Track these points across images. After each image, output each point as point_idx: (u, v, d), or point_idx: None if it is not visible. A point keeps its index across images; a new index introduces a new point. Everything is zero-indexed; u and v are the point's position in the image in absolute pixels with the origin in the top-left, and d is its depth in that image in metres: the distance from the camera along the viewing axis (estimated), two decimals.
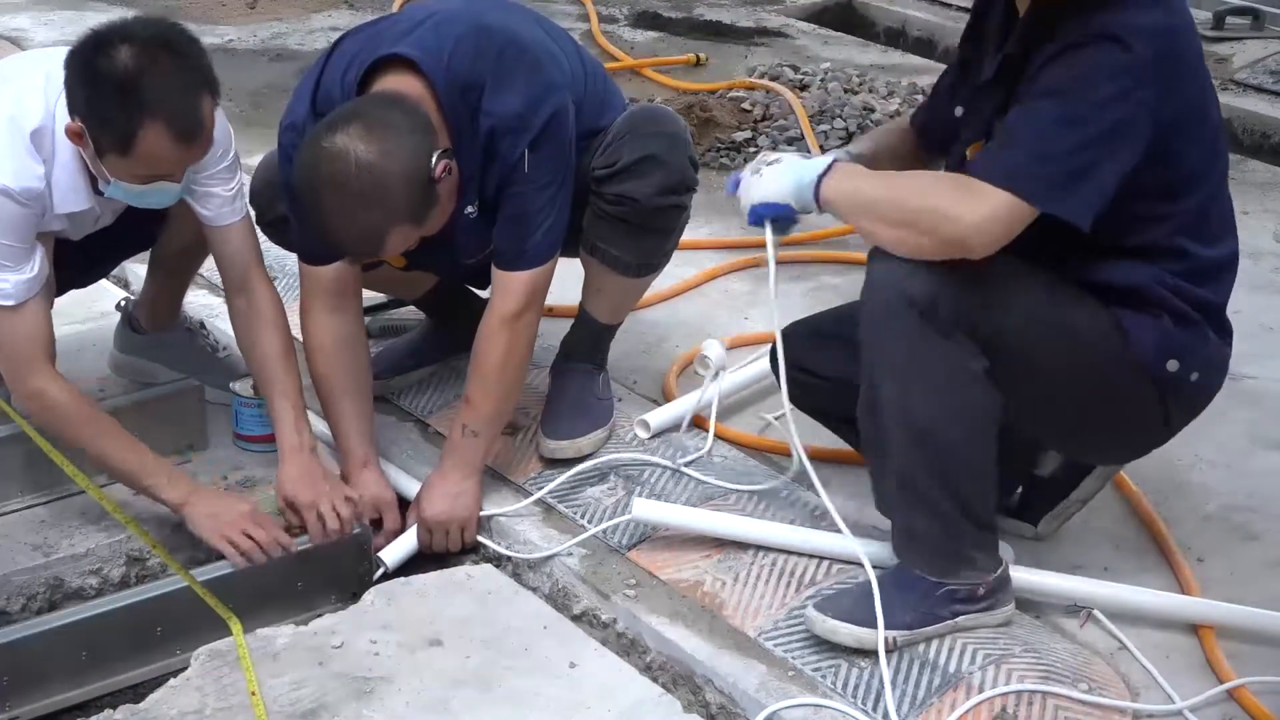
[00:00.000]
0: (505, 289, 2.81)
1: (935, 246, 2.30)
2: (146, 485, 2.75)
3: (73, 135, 2.56)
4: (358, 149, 2.56)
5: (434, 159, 2.61)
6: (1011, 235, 2.28)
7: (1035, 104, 2.30)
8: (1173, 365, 2.41)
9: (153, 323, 3.27)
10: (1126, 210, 2.34)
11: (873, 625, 2.43)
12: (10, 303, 2.64)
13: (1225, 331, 2.51)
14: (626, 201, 2.85)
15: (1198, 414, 2.55)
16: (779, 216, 2.46)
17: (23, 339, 2.67)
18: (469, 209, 2.81)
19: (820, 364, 2.67)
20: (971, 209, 2.27)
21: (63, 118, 2.58)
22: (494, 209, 2.80)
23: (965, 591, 2.46)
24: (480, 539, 2.87)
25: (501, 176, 2.75)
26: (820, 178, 2.40)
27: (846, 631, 2.44)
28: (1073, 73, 2.27)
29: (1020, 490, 2.82)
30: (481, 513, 2.88)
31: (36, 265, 2.66)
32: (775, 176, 2.44)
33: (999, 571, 2.50)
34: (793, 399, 2.67)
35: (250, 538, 2.69)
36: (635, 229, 2.89)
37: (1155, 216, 2.38)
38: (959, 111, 2.58)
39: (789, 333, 2.65)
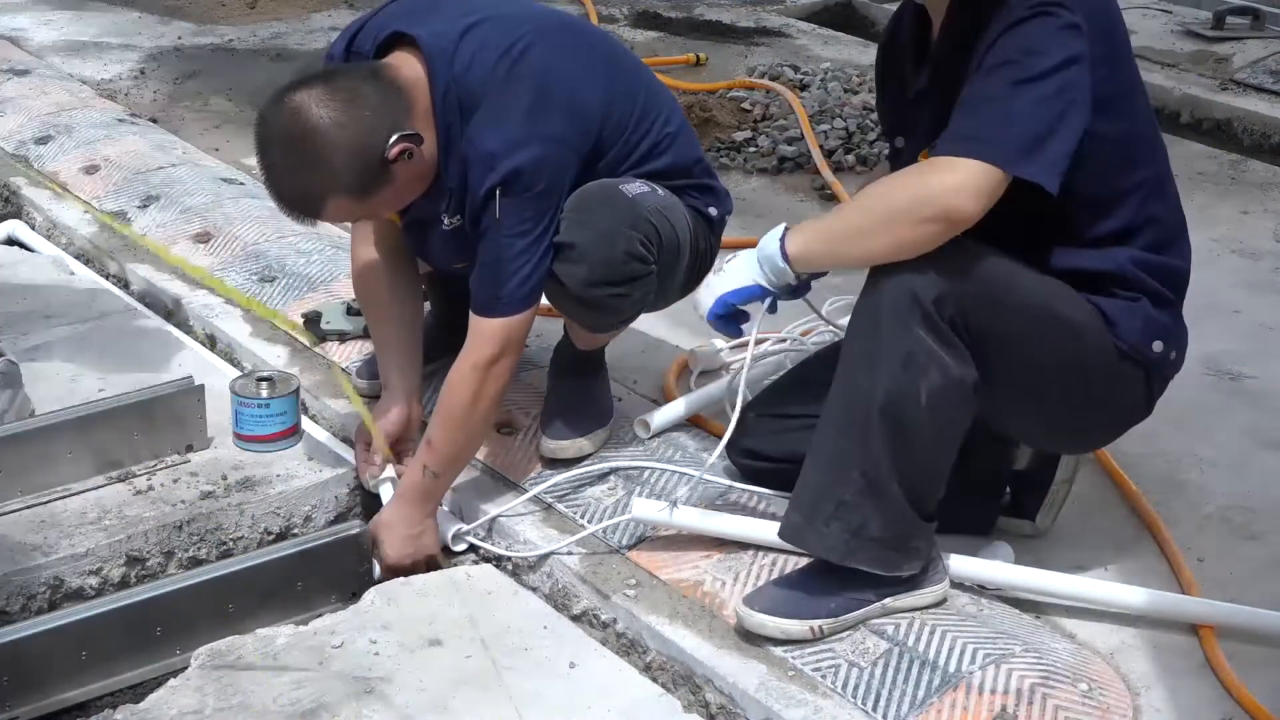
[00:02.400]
0: (478, 334, 2.72)
1: (923, 233, 2.31)
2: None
3: None
4: (312, 111, 2.56)
5: (391, 139, 2.58)
6: (991, 199, 2.29)
7: (985, 78, 2.32)
8: (1158, 346, 2.48)
9: None
10: (1100, 186, 2.40)
11: (798, 616, 2.47)
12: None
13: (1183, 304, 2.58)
14: (558, 281, 2.73)
15: (1154, 398, 2.61)
16: (748, 299, 2.50)
17: None
18: (446, 219, 2.78)
19: (776, 448, 2.76)
20: (942, 181, 2.30)
21: None
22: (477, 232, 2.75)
23: (891, 577, 2.49)
24: (476, 541, 2.87)
25: (475, 207, 2.69)
26: (782, 240, 2.44)
27: (773, 625, 2.47)
28: (1017, 44, 2.30)
29: (1009, 491, 2.83)
30: (486, 516, 2.87)
31: None
32: (735, 266, 2.49)
33: (927, 556, 2.52)
34: (747, 479, 2.81)
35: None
36: (577, 305, 2.79)
37: (1126, 189, 2.43)
38: (899, 142, 2.62)
39: (750, 411, 2.79)
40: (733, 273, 2.50)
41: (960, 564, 2.62)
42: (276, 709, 2.38)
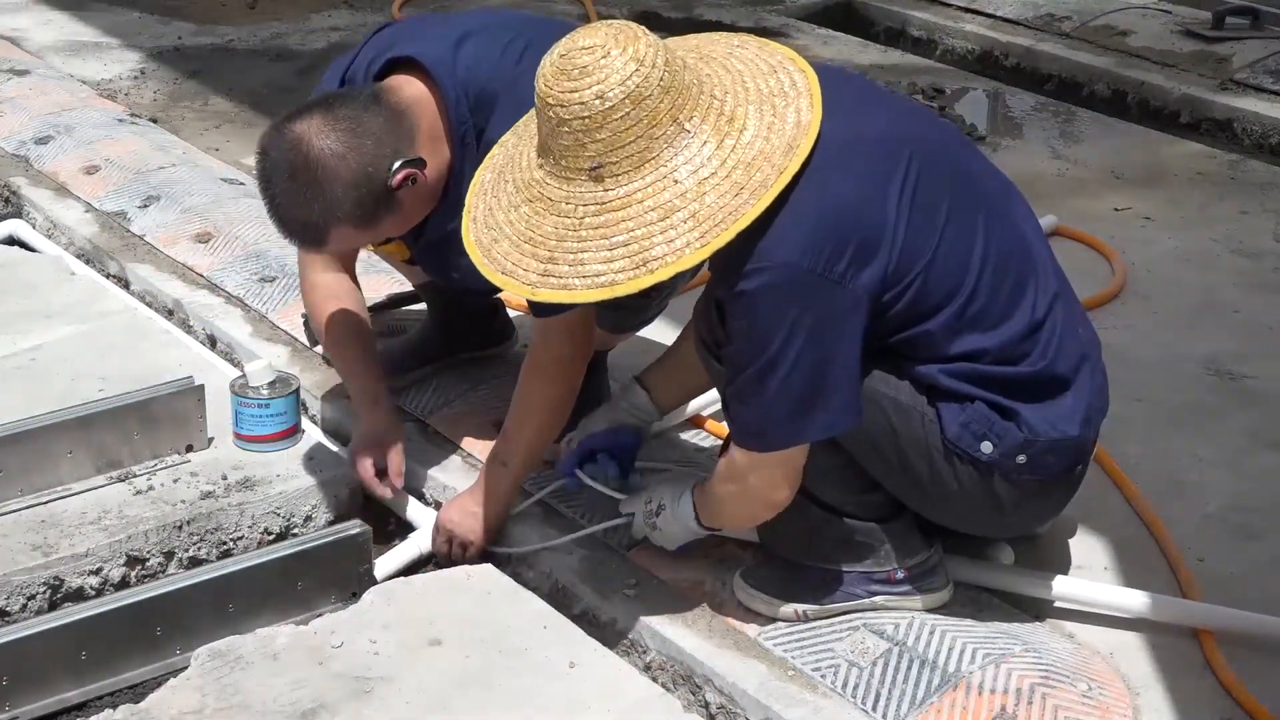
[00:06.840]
0: (544, 332, 2.71)
1: (771, 512, 2.45)
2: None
3: None
4: (312, 142, 2.53)
5: (393, 166, 2.56)
6: (800, 466, 2.37)
7: (733, 360, 2.32)
8: (986, 447, 2.38)
9: None
10: (894, 344, 2.35)
11: (787, 599, 2.54)
12: None
13: (1065, 397, 2.42)
14: None
15: (1056, 494, 2.52)
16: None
17: None
18: None
19: None
20: (755, 492, 2.41)
21: None
22: None
23: (882, 574, 2.52)
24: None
25: None
26: (697, 521, 2.57)
27: (762, 601, 2.56)
28: (740, 332, 2.28)
29: None
30: (500, 548, 2.84)
31: None
32: (671, 526, 2.61)
33: (918, 559, 2.53)
34: None
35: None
36: (608, 304, 2.81)
37: (921, 340, 2.35)
38: None
39: None
40: (675, 533, 2.63)
41: (960, 564, 2.62)
42: (276, 709, 2.38)
